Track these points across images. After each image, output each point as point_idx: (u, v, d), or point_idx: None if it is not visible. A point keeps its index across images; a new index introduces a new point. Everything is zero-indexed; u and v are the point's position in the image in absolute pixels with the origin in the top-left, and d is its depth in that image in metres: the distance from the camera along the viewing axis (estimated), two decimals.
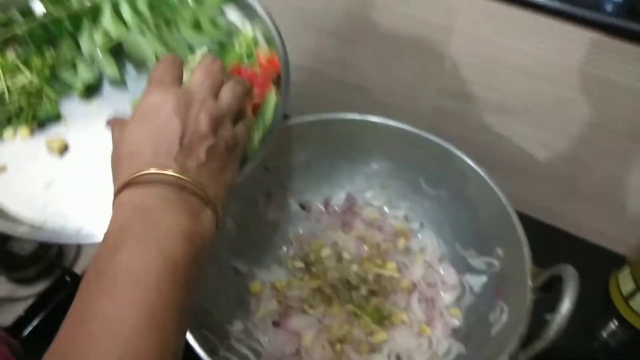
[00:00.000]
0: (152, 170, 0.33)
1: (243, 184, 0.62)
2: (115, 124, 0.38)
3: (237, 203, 0.63)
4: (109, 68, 0.49)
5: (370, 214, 0.66)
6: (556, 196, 0.74)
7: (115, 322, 0.28)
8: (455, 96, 0.72)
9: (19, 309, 0.64)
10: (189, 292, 0.32)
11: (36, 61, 0.50)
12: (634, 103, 0.60)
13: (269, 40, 0.51)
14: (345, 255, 0.62)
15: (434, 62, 0.70)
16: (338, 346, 0.54)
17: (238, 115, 0.39)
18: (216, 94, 0.38)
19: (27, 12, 0.52)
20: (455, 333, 0.56)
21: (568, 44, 0.60)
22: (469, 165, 0.59)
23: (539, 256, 0.51)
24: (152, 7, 0.50)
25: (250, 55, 0.49)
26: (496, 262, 0.56)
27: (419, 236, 0.65)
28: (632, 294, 0.66)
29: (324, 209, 0.68)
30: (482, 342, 0.51)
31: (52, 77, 0.50)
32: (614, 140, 0.64)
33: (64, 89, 0.50)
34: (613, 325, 0.68)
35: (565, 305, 0.39)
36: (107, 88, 0.50)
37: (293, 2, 0.75)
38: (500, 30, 0.62)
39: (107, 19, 0.50)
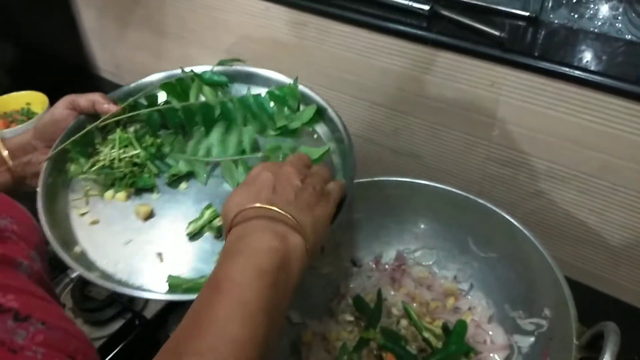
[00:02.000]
0: (248, 206, 0.43)
1: None
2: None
3: None
4: (200, 175, 0.60)
5: (419, 273, 0.69)
6: (608, 262, 0.74)
7: (217, 313, 0.37)
8: (503, 164, 0.76)
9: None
10: (275, 295, 0.40)
11: (148, 140, 0.60)
12: None
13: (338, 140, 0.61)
14: (395, 312, 0.64)
15: (481, 131, 0.75)
16: None
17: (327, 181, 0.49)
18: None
19: (152, 99, 0.64)
20: None
21: (611, 115, 0.63)
22: (516, 227, 0.61)
23: (588, 322, 0.51)
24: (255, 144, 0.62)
25: None
26: (544, 323, 0.56)
27: (469, 297, 0.66)
28: None
29: (374, 266, 0.71)
30: None
31: (156, 157, 0.61)
32: None
33: (162, 169, 0.60)
34: None
35: (606, 359, 0.40)
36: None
37: (350, 78, 0.83)
38: (545, 102, 0.67)
39: (215, 140, 0.62)
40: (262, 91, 0.66)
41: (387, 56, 0.77)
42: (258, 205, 0.43)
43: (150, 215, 0.58)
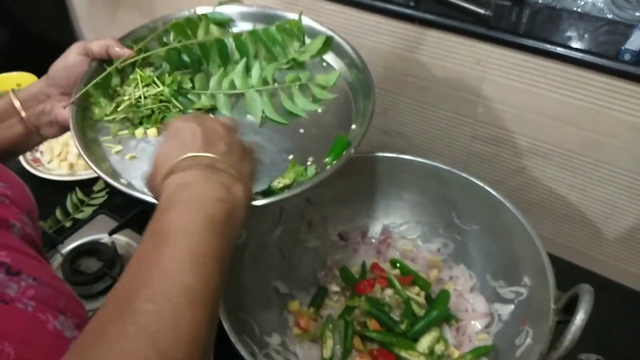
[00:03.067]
0: (189, 155, 0.42)
1: (287, 213, 0.69)
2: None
3: (281, 231, 0.69)
4: (225, 109, 0.60)
5: (404, 246, 0.71)
6: (589, 238, 0.76)
7: (168, 261, 0.36)
8: (488, 141, 0.77)
9: None
10: (224, 244, 0.39)
11: (167, 78, 0.61)
12: None
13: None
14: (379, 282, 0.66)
15: (467, 109, 0.76)
16: None
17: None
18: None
19: (163, 44, 0.64)
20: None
21: (592, 91, 0.64)
22: (498, 199, 0.62)
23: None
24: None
25: None
26: (524, 291, 0.58)
27: (452, 268, 0.68)
28: None
29: (360, 240, 0.73)
30: None
31: (179, 94, 0.61)
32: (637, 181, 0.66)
33: (187, 105, 0.61)
34: None
35: (579, 317, 0.42)
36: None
37: None
38: (528, 79, 0.68)
39: (237, 73, 0.62)
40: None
41: (376, 35, 0.78)
42: (194, 154, 0.42)
43: None
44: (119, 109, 0.59)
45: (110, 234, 0.80)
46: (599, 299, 0.49)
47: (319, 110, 0.59)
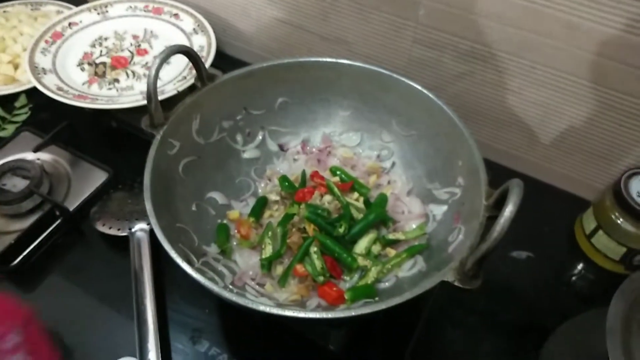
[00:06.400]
0: None
1: (224, 122, 0.67)
2: None
3: (218, 141, 0.66)
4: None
5: (344, 154, 0.70)
6: (524, 142, 0.78)
7: None
8: (429, 46, 0.75)
9: (10, 240, 0.67)
10: None
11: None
12: (596, 46, 0.63)
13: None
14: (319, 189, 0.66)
15: (408, 11, 0.73)
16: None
17: None
18: None
19: None
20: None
21: None
22: (435, 103, 0.62)
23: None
24: None
25: None
26: (457, 191, 0.59)
27: (389, 173, 0.69)
28: (593, 232, 0.69)
29: (301, 150, 0.71)
30: (440, 259, 0.55)
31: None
32: (578, 85, 0.67)
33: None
34: (579, 266, 0.71)
35: (509, 209, 0.43)
36: None
37: None
38: None
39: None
40: None
41: None
42: None
43: None
44: None
45: (35, 151, 0.75)
46: (531, 200, 0.50)
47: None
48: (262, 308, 0.44)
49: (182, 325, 0.62)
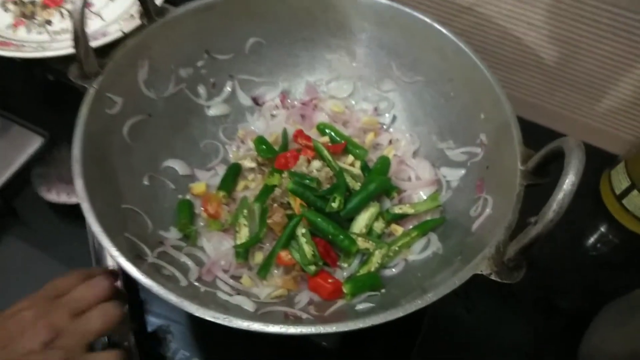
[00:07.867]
0: None
1: (181, 70, 0.53)
2: None
3: (174, 94, 0.53)
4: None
5: (334, 107, 0.58)
6: (544, 87, 0.67)
7: None
8: None
9: None
10: None
11: None
12: None
13: None
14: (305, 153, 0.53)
15: None
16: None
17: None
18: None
19: None
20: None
21: None
22: (449, 38, 0.50)
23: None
24: None
25: None
26: (479, 151, 0.48)
27: (391, 130, 0.57)
28: (626, 192, 0.60)
29: (280, 103, 0.59)
30: (461, 239, 0.44)
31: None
32: (611, 16, 0.55)
33: None
34: (603, 228, 0.63)
35: (569, 179, 0.31)
36: None
37: None
38: None
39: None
40: None
41: None
42: None
43: None
44: None
45: None
46: None
47: None
48: (236, 324, 0.33)
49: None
